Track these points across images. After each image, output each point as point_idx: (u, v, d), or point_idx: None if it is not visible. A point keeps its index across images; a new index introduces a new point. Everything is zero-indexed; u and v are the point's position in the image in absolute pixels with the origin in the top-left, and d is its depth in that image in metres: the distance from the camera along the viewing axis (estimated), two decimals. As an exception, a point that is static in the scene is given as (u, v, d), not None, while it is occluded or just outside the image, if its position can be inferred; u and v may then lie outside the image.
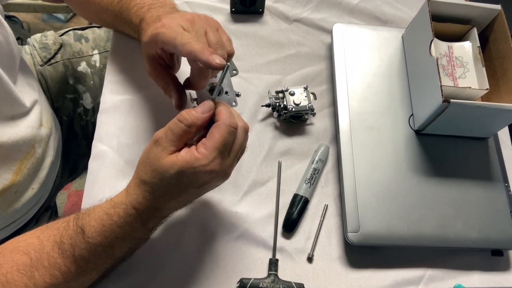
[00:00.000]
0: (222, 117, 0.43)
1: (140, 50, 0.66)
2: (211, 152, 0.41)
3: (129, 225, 0.43)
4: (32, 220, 0.71)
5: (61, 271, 0.42)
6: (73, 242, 0.42)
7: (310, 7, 0.75)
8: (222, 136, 0.42)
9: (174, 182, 0.42)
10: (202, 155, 0.41)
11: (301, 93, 0.61)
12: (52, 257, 0.42)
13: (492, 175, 0.62)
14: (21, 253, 0.42)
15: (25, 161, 0.61)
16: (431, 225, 0.57)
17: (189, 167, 0.41)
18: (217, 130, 0.42)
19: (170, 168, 0.41)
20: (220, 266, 0.54)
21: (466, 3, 0.64)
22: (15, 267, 0.42)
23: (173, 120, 0.43)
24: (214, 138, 0.42)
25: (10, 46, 0.57)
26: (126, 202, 0.43)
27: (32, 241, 0.43)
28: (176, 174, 0.41)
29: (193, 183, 0.43)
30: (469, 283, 0.57)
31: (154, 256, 0.53)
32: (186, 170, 0.41)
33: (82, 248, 0.42)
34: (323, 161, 0.61)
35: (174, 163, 0.41)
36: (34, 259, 0.42)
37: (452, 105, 0.53)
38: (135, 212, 0.43)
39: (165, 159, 0.42)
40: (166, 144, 0.42)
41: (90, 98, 0.80)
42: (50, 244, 0.43)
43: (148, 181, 0.43)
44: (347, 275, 0.56)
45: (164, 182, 0.42)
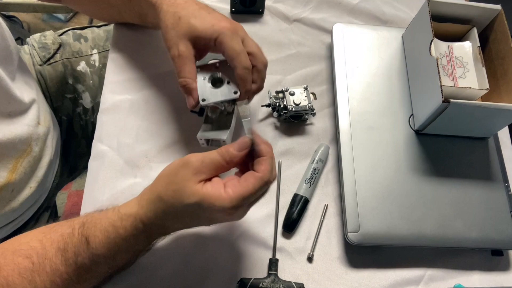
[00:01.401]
0: (264, 168, 0.42)
1: (140, 48, 0.66)
2: (237, 198, 0.40)
3: (134, 238, 0.43)
4: (32, 220, 0.71)
5: (62, 278, 0.42)
6: (76, 251, 0.42)
7: (310, 7, 0.75)
8: (255, 189, 0.41)
9: (189, 209, 0.41)
10: (228, 196, 0.40)
11: (301, 93, 0.61)
12: (55, 264, 0.42)
13: (492, 175, 0.62)
14: (23, 257, 0.42)
15: (21, 160, 0.61)
16: (431, 225, 0.57)
17: (209, 203, 0.40)
18: (253, 181, 0.41)
19: (192, 195, 0.40)
20: (220, 266, 0.54)
21: (466, 3, 0.64)
22: (16, 270, 0.41)
23: (214, 151, 0.43)
24: (246, 187, 0.41)
25: (6, 41, 0.57)
26: (136, 215, 0.43)
27: (35, 245, 0.43)
28: (195, 203, 0.40)
29: (207, 217, 0.43)
30: (469, 283, 0.57)
31: (154, 256, 0.53)
32: (206, 203, 0.40)
33: (84, 257, 0.42)
34: (323, 161, 0.61)
35: (197, 191, 0.40)
36: (36, 264, 0.42)
37: (452, 105, 0.53)
38: (142, 226, 0.43)
39: (191, 184, 0.41)
40: (198, 169, 0.41)
41: (89, 98, 0.80)
42: (54, 250, 0.42)
43: (165, 200, 0.42)
44: (347, 275, 0.56)
45: (181, 206, 0.41)
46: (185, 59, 0.50)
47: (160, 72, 0.65)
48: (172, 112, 0.63)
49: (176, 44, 0.50)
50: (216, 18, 0.51)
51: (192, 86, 0.50)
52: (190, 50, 0.50)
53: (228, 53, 0.49)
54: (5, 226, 0.64)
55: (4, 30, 0.57)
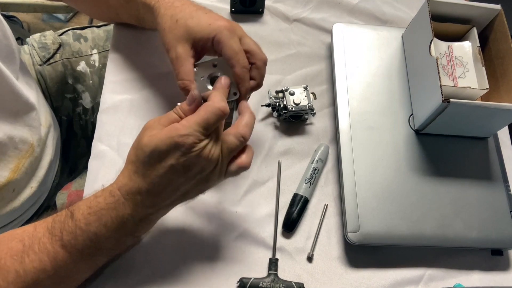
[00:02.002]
0: (213, 99, 0.44)
1: (140, 48, 0.66)
2: (191, 124, 0.41)
3: (113, 209, 0.42)
4: (32, 220, 0.71)
5: (50, 257, 0.42)
6: (62, 227, 0.43)
7: (310, 7, 0.75)
8: (206, 113, 0.42)
9: (155, 155, 0.41)
10: (182, 125, 0.41)
11: (301, 93, 0.61)
12: (43, 243, 0.42)
13: (492, 175, 0.62)
14: (16, 240, 0.43)
15: (23, 160, 0.61)
16: (431, 225, 0.57)
17: (167, 137, 0.40)
18: (203, 108, 0.43)
19: (150, 140, 0.41)
20: (220, 266, 0.54)
21: (466, 3, 0.64)
22: (9, 253, 0.42)
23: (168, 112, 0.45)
24: (197, 113, 0.42)
25: (8, 40, 0.57)
26: (113, 184, 0.44)
27: (28, 229, 0.44)
28: (155, 146, 0.41)
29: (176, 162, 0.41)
30: (469, 283, 0.57)
31: (154, 255, 0.53)
32: (166, 140, 0.40)
33: (69, 232, 0.42)
34: (323, 160, 0.61)
35: (154, 135, 0.41)
36: (27, 245, 0.42)
37: (452, 105, 0.53)
38: (119, 193, 0.43)
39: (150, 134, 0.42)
40: (155, 126, 0.43)
41: (89, 98, 0.80)
42: (43, 230, 0.43)
43: (131, 159, 0.43)
44: (347, 275, 0.56)
45: (146, 157, 0.41)
46: (183, 61, 0.50)
47: (160, 72, 0.65)
48: (172, 112, 0.63)
49: (174, 46, 0.50)
50: (213, 17, 0.51)
51: (190, 88, 0.50)
52: (188, 52, 0.50)
53: (226, 52, 0.49)
54: (5, 226, 0.64)
55: (6, 28, 0.57)
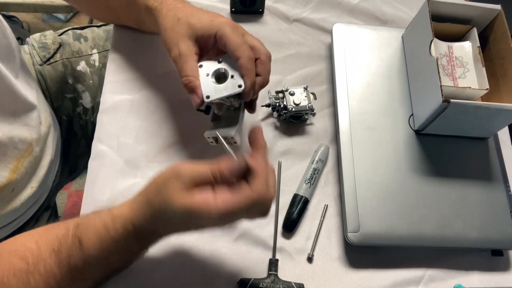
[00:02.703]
0: (258, 188, 0.40)
1: (140, 48, 0.66)
2: (226, 211, 0.39)
3: (125, 240, 0.43)
4: (32, 220, 0.71)
5: (56, 280, 0.42)
6: (70, 253, 0.42)
7: (310, 7, 0.75)
8: (246, 206, 0.40)
9: (178, 217, 0.41)
10: (216, 207, 0.39)
11: (301, 93, 0.61)
12: (49, 265, 0.42)
13: (492, 175, 0.62)
14: (18, 257, 0.42)
15: (23, 159, 0.61)
16: (431, 225, 0.57)
17: (197, 213, 0.40)
18: (245, 199, 0.40)
19: (179, 206, 0.40)
20: (220, 266, 0.54)
21: (466, 3, 0.64)
22: (12, 271, 0.41)
23: (207, 167, 0.41)
24: (238, 202, 0.40)
25: (7, 39, 0.57)
26: (127, 217, 0.42)
27: (31, 246, 0.42)
28: (182, 213, 0.40)
29: (196, 224, 0.43)
30: (469, 283, 0.57)
31: (153, 256, 0.53)
32: (194, 213, 0.40)
33: (77, 259, 0.42)
34: (323, 161, 0.61)
35: (184, 203, 0.40)
36: (31, 265, 0.42)
37: (452, 105, 0.53)
38: (133, 229, 0.42)
39: (179, 195, 0.40)
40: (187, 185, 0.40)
41: (89, 98, 0.80)
42: (48, 251, 0.42)
43: (154, 207, 0.41)
44: (347, 275, 0.56)
45: (169, 214, 0.41)
46: (186, 57, 0.50)
47: (160, 72, 0.65)
48: (172, 112, 0.63)
49: (176, 44, 0.50)
50: (214, 15, 0.51)
51: (195, 84, 0.49)
52: (191, 49, 0.50)
53: (230, 44, 0.49)
54: (5, 226, 0.64)
55: (5, 27, 0.57)
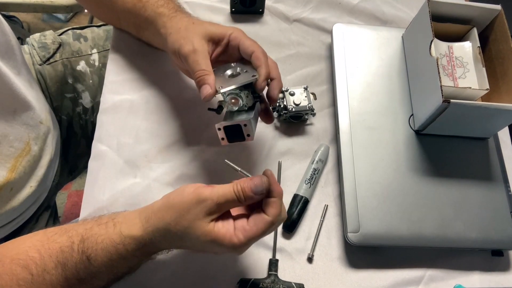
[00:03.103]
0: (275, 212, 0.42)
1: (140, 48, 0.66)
2: (246, 241, 0.41)
3: (136, 258, 0.44)
4: (32, 220, 0.71)
5: None
6: (77, 268, 0.42)
7: (310, 7, 0.75)
8: (263, 232, 0.42)
9: (198, 244, 0.42)
10: (238, 240, 0.41)
11: (301, 93, 0.61)
12: (55, 278, 0.42)
13: (492, 175, 0.62)
14: (21, 266, 0.41)
15: (21, 158, 0.60)
16: (431, 225, 0.57)
17: (220, 244, 0.41)
18: (262, 226, 0.42)
19: (203, 235, 0.41)
20: (220, 266, 0.54)
21: (466, 3, 0.64)
22: (15, 280, 0.41)
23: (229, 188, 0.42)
24: (256, 231, 0.41)
25: (6, 36, 0.57)
26: (141, 240, 0.42)
27: (33, 255, 0.42)
28: (205, 242, 0.41)
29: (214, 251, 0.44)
30: (469, 283, 0.57)
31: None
32: (216, 243, 0.41)
33: (85, 273, 0.42)
34: (323, 161, 0.61)
35: (209, 232, 0.41)
36: (35, 276, 0.41)
37: (452, 105, 0.53)
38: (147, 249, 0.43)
39: (203, 224, 0.41)
40: (212, 211, 0.41)
41: (89, 97, 0.80)
42: (53, 263, 0.42)
43: (174, 233, 0.41)
44: (347, 275, 0.56)
45: (191, 242, 0.42)
46: (200, 54, 0.50)
47: (160, 72, 0.65)
48: (172, 112, 0.63)
49: (191, 40, 0.51)
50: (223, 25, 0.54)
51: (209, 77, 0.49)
52: (205, 46, 0.51)
53: (244, 43, 0.51)
54: (5, 225, 0.64)
55: (3, 25, 0.56)
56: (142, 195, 0.57)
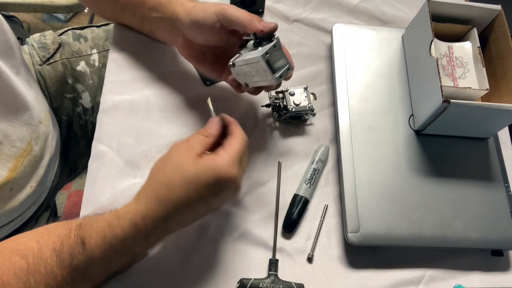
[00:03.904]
0: (237, 131, 0.47)
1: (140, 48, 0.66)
2: (232, 156, 0.44)
3: (131, 238, 0.42)
4: (31, 220, 0.71)
5: (56, 281, 0.42)
6: (72, 253, 0.41)
7: (310, 7, 0.75)
8: (241, 144, 0.46)
9: (192, 185, 0.42)
10: (226, 154, 0.44)
11: (301, 93, 0.61)
12: (50, 265, 0.41)
13: (492, 175, 0.62)
14: (19, 256, 0.42)
15: (22, 158, 0.60)
16: (431, 225, 0.57)
17: (210, 167, 0.43)
18: (236, 140, 0.46)
19: (193, 166, 0.42)
20: (220, 266, 0.54)
21: (466, 3, 0.64)
22: (12, 270, 0.41)
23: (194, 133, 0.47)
24: (235, 144, 0.45)
25: (5, 35, 0.57)
26: (134, 211, 0.42)
27: (32, 245, 0.42)
28: (195, 174, 0.42)
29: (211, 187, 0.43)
30: (469, 283, 0.57)
31: (154, 256, 0.53)
32: (208, 169, 0.42)
33: (80, 260, 0.42)
34: (323, 161, 0.61)
35: (196, 162, 0.43)
36: (31, 265, 0.41)
37: (452, 105, 0.53)
38: (141, 222, 0.42)
39: (189, 157, 0.43)
40: (189, 146, 0.44)
41: (89, 98, 0.80)
42: (49, 251, 0.42)
43: (166, 182, 0.43)
44: (347, 275, 0.56)
45: (185, 181, 0.42)
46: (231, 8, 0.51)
47: (161, 72, 0.65)
48: (172, 112, 0.63)
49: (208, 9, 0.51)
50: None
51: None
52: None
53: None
54: (5, 225, 0.64)
55: (3, 23, 0.56)
56: (142, 195, 0.57)
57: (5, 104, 0.57)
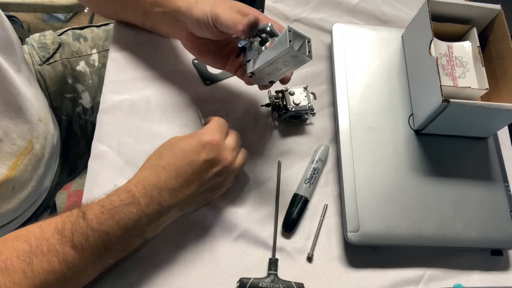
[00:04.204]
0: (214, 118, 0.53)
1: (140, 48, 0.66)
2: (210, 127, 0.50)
3: (127, 205, 0.44)
4: (31, 219, 0.71)
5: (59, 258, 0.42)
6: (73, 228, 0.43)
7: (310, 7, 0.75)
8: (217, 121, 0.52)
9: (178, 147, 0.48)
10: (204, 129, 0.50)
11: (301, 93, 0.61)
12: (52, 244, 0.42)
13: (492, 175, 0.62)
14: (21, 241, 0.42)
15: (22, 157, 0.60)
16: (431, 225, 0.57)
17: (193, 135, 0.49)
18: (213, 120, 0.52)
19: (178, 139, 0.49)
20: (220, 266, 0.54)
21: (466, 3, 0.64)
22: (15, 253, 0.42)
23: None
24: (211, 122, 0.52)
25: (6, 31, 0.57)
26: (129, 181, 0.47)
27: (34, 229, 0.44)
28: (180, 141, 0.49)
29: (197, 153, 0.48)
30: (469, 283, 0.57)
31: (154, 256, 0.53)
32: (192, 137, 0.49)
33: (80, 233, 0.43)
34: (323, 161, 0.61)
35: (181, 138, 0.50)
36: (34, 246, 0.42)
37: (452, 105, 0.53)
38: (135, 189, 0.45)
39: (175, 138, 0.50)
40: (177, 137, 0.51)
41: (89, 97, 0.80)
42: (51, 231, 0.43)
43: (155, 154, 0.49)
44: (347, 275, 0.56)
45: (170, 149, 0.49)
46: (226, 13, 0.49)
47: (161, 72, 0.65)
48: (172, 112, 0.63)
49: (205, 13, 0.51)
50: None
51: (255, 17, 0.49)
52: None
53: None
54: (5, 225, 0.64)
55: (3, 19, 0.56)
56: (142, 195, 0.57)
57: (5, 102, 0.57)
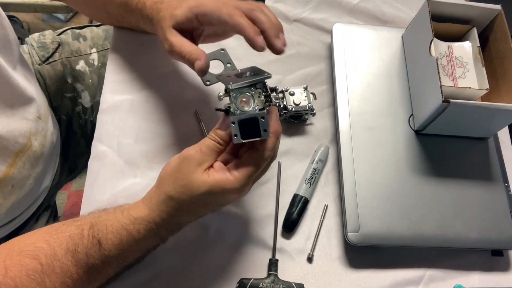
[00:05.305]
0: (264, 146, 0.44)
1: (140, 48, 0.66)
2: (244, 178, 0.42)
3: (147, 240, 0.44)
4: (31, 219, 0.71)
5: (73, 279, 0.42)
6: (88, 253, 0.42)
7: (310, 7, 0.75)
8: (258, 165, 0.43)
9: (201, 199, 0.43)
10: (235, 179, 0.42)
11: (301, 93, 0.61)
12: (65, 265, 0.42)
13: (492, 175, 0.62)
14: (30, 258, 0.41)
15: (21, 154, 0.60)
16: (431, 225, 0.57)
17: (220, 188, 0.42)
18: (254, 160, 0.43)
19: (202, 185, 0.42)
20: (220, 266, 0.54)
21: (466, 3, 0.64)
22: (24, 271, 0.41)
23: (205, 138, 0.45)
24: (250, 166, 0.43)
25: (4, 30, 0.57)
26: (149, 219, 0.44)
27: (42, 245, 0.42)
28: (205, 192, 0.42)
29: (218, 202, 0.46)
30: (469, 283, 0.57)
31: (154, 256, 0.53)
32: (217, 190, 0.42)
33: (96, 259, 0.43)
34: (323, 161, 0.61)
35: (206, 181, 0.42)
36: (45, 265, 0.41)
37: (452, 105, 0.53)
38: (156, 228, 0.44)
39: (197, 175, 0.42)
40: (200, 160, 0.43)
41: (88, 97, 0.80)
42: (63, 251, 0.42)
43: (176, 197, 0.43)
44: (347, 275, 0.56)
45: (193, 199, 0.43)
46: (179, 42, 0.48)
47: (160, 72, 0.65)
48: (172, 112, 0.63)
49: (165, 38, 0.49)
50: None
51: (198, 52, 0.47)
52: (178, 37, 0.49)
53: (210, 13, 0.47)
54: (5, 224, 0.64)
55: (3, 18, 0.56)
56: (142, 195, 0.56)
57: (4, 98, 0.57)
